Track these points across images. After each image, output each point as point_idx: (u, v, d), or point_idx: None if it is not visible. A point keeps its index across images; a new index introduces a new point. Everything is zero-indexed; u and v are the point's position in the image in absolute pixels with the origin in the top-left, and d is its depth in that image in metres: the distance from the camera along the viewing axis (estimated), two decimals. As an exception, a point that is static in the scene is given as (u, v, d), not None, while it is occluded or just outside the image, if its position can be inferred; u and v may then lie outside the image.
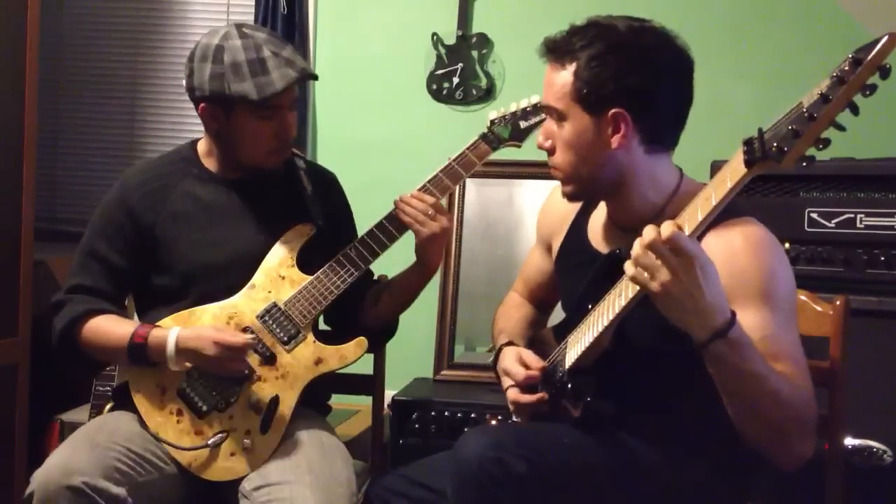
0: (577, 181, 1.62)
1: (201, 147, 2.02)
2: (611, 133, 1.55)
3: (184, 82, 1.93)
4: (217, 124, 1.92)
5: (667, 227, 1.31)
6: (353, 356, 1.90)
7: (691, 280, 1.31)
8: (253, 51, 1.85)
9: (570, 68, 1.56)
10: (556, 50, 1.59)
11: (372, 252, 1.93)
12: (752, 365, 1.36)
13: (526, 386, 1.65)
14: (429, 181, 1.95)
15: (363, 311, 2.03)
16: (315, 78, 1.98)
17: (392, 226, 1.93)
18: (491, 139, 1.97)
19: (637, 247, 1.33)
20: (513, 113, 1.99)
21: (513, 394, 1.67)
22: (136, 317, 2.03)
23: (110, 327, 1.88)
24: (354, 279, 1.92)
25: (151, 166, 2.03)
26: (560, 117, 1.59)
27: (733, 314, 1.35)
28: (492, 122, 1.99)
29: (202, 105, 1.90)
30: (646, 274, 1.33)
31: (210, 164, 2.00)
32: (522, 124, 1.98)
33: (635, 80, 1.54)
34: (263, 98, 1.84)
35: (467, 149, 1.97)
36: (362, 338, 1.91)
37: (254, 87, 1.83)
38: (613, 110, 1.54)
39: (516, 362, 1.68)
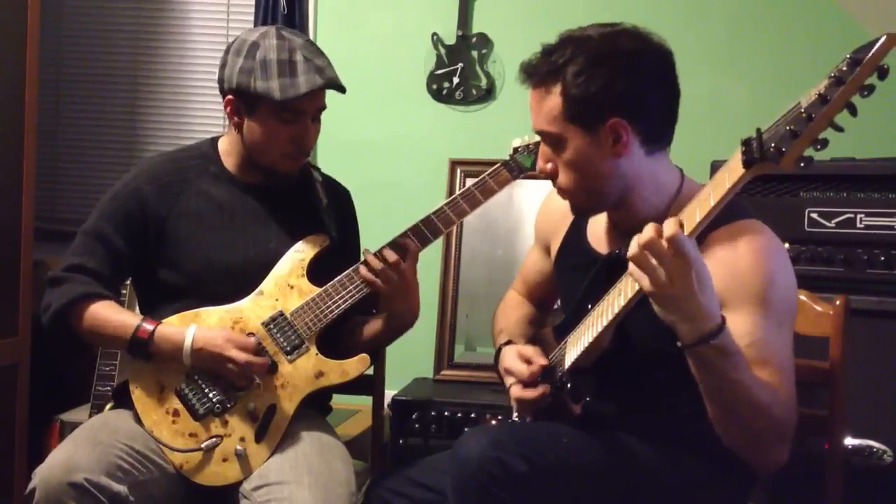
0: (587, 197, 1.61)
1: (222, 145, 2.02)
2: (612, 143, 1.54)
3: (216, 74, 1.95)
4: (239, 119, 1.92)
5: (670, 226, 1.30)
6: (354, 372, 1.90)
7: (685, 283, 1.31)
8: (286, 52, 1.85)
9: (556, 89, 1.54)
10: (537, 73, 1.57)
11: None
12: (736, 373, 1.37)
13: (528, 382, 1.65)
14: (446, 204, 1.93)
15: (344, 336, 2.02)
16: (342, 90, 1.93)
17: (404, 244, 1.90)
18: (513, 167, 1.94)
19: (634, 245, 1.33)
20: (536, 142, 1.96)
21: (516, 391, 1.66)
22: (137, 309, 2.03)
23: (110, 314, 1.87)
24: (363, 296, 1.91)
25: (170, 158, 2.03)
26: (556, 140, 1.57)
27: (723, 320, 1.35)
28: (515, 149, 1.96)
29: (228, 98, 1.91)
30: (640, 272, 1.33)
31: (229, 163, 2.00)
32: None
33: (624, 85, 1.52)
34: (285, 99, 1.84)
35: (488, 175, 1.94)
36: (365, 355, 1.91)
37: (278, 87, 1.83)
38: (610, 121, 1.53)
39: (517, 359, 1.68)
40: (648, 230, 1.32)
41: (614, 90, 1.52)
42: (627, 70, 1.53)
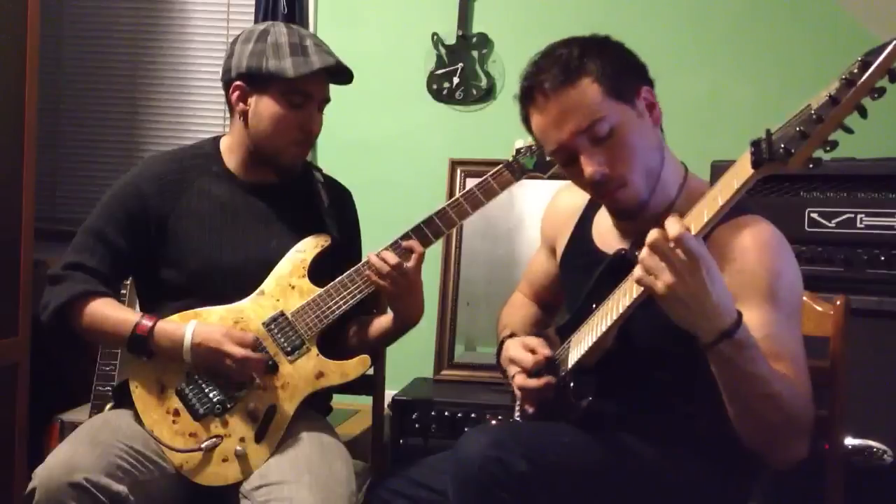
0: (647, 178, 1.57)
1: (224, 144, 2.02)
2: (649, 112, 1.58)
3: (217, 73, 1.97)
4: (245, 106, 1.92)
5: (674, 226, 1.30)
6: (354, 373, 1.90)
7: (696, 281, 1.31)
8: (296, 37, 1.89)
9: (587, 80, 1.53)
10: (558, 76, 1.54)
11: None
12: (756, 366, 1.36)
13: (533, 372, 1.65)
14: (448, 205, 1.93)
15: (345, 336, 2.02)
16: (350, 76, 1.95)
17: (408, 245, 1.90)
18: (515, 168, 1.93)
19: (645, 249, 1.33)
20: (539, 144, 1.97)
21: (520, 379, 1.66)
22: (137, 308, 2.03)
23: (109, 312, 1.87)
24: (364, 296, 1.91)
25: (172, 157, 2.03)
26: (603, 128, 1.52)
27: (739, 315, 1.35)
28: (517, 150, 1.95)
29: (235, 84, 1.91)
30: (651, 276, 1.33)
31: (231, 162, 2.00)
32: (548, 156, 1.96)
33: (632, 57, 1.60)
34: (299, 76, 1.85)
35: (490, 176, 1.94)
36: (365, 356, 1.91)
37: (291, 65, 1.86)
38: (642, 89, 1.57)
39: (522, 349, 1.68)
40: (654, 233, 1.32)
41: (632, 62, 1.59)
42: (623, 47, 1.61)
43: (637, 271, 1.36)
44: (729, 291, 1.35)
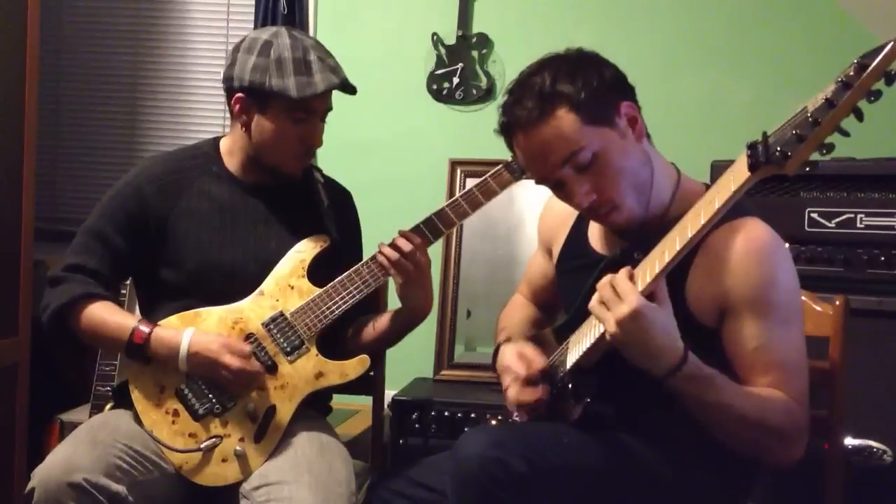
0: (639, 196, 1.56)
1: (224, 145, 2.02)
2: (631, 129, 1.55)
3: (222, 72, 1.95)
4: (247, 118, 1.92)
5: (621, 283, 1.38)
6: (354, 373, 1.90)
7: (637, 330, 1.37)
8: (300, 51, 1.86)
9: (562, 110, 1.51)
10: (533, 111, 1.52)
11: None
12: (714, 394, 1.42)
13: (526, 382, 1.65)
14: (447, 205, 1.92)
15: (345, 336, 2.02)
16: (354, 91, 1.94)
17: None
18: (514, 169, 1.91)
19: (595, 297, 1.42)
20: None
21: (513, 392, 1.66)
22: (137, 309, 2.03)
23: (107, 316, 1.87)
24: (363, 296, 1.91)
25: (171, 158, 2.02)
26: (586, 156, 1.51)
27: (686, 351, 1.39)
28: None
29: (237, 96, 1.90)
30: (601, 321, 1.42)
31: (231, 163, 1.99)
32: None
33: (609, 72, 1.56)
34: (302, 97, 1.84)
35: (489, 176, 1.92)
36: (365, 356, 1.91)
37: (295, 84, 1.84)
38: (621, 107, 1.54)
39: (517, 358, 1.68)
40: (603, 286, 1.40)
41: (607, 78, 1.55)
42: (599, 61, 1.57)
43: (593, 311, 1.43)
44: (673, 330, 1.40)
